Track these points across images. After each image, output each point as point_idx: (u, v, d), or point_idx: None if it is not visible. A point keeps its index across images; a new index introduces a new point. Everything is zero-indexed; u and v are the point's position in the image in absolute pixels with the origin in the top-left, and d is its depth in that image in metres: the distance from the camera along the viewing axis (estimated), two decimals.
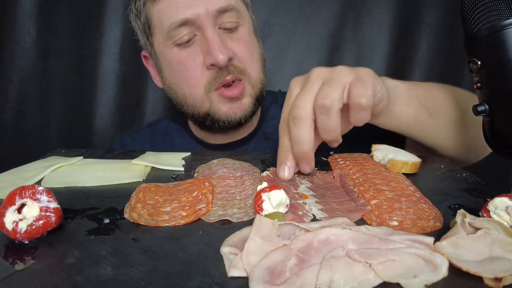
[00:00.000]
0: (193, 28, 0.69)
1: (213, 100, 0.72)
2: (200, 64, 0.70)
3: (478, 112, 0.44)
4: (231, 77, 0.70)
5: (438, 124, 0.60)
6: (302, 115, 0.44)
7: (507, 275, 0.27)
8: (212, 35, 0.67)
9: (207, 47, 0.68)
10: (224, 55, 0.67)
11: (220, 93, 0.71)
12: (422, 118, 0.58)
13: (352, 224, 0.36)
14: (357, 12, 1.15)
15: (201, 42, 0.69)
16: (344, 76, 0.45)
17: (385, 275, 0.28)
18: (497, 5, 0.41)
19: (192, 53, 0.70)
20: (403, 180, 0.48)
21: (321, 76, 0.46)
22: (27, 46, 1.12)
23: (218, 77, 0.70)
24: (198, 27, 0.68)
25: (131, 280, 0.28)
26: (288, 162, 0.48)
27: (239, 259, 0.30)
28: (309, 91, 0.45)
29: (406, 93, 0.57)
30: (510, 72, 0.41)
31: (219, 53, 0.66)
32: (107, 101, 1.17)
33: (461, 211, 0.34)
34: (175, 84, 0.75)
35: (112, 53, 1.15)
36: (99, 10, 1.13)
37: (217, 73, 0.70)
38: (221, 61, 0.67)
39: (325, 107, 0.43)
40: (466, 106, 0.61)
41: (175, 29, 0.69)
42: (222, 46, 0.67)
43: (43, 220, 0.34)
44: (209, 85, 0.71)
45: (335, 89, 0.44)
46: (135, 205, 0.40)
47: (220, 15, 0.69)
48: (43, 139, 1.17)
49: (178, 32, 0.69)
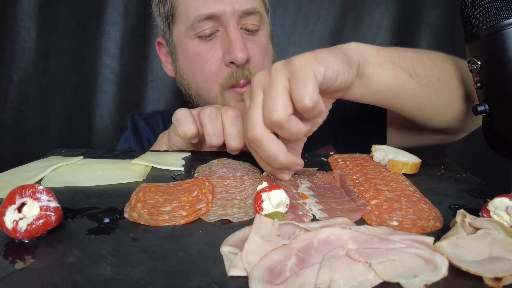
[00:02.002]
0: (217, 23, 0.70)
1: (226, 98, 0.73)
2: (219, 60, 0.71)
3: (478, 112, 0.44)
4: (243, 81, 0.71)
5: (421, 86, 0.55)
6: (259, 136, 0.42)
7: (507, 275, 0.27)
8: (235, 34, 0.69)
9: (228, 45, 0.69)
10: (244, 54, 0.68)
11: (233, 90, 0.72)
12: (402, 80, 0.53)
13: (352, 224, 0.36)
14: (357, 12, 1.15)
15: (223, 39, 0.70)
16: (279, 78, 0.42)
17: (385, 275, 0.28)
18: (497, 5, 0.41)
19: (212, 48, 0.71)
20: (403, 181, 0.48)
21: (261, 83, 0.44)
22: (27, 46, 1.12)
23: (232, 77, 0.71)
24: (222, 23, 0.69)
25: (131, 279, 0.28)
26: (280, 176, 0.48)
27: (239, 259, 0.30)
28: (255, 106, 0.43)
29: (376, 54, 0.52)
30: (510, 72, 0.41)
31: (239, 51, 0.67)
32: (107, 101, 1.17)
33: (461, 211, 0.34)
34: (189, 75, 0.76)
35: (112, 53, 1.15)
36: (99, 10, 1.13)
37: (232, 72, 0.71)
38: (240, 60, 0.68)
39: (275, 123, 0.41)
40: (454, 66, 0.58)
41: (200, 21, 0.69)
42: (243, 45, 0.68)
43: (43, 219, 0.34)
44: (224, 84, 0.72)
45: (277, 99, 0.41)
46: (135, 205, 0.40)
47: (245, 16, 0.70)
48: (43, 139, 1.17)
49: (202, 25, 0.70)
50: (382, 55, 0.52)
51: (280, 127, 0.41)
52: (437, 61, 0.58)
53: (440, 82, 0.56)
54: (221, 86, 0.72)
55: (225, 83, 0.72)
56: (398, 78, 0.53)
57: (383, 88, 0.53)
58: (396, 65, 0.53)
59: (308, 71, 0.41)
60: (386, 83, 0.52)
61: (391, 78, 0.52)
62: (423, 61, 0.56)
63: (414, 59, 0.55)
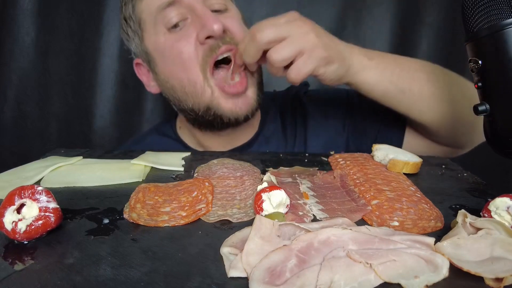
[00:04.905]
0: (182, 10, 0.68)
1: (214, 92, 0.69)
2: (193, 41, 0.68)
3: (479, 111, 0.44)
4: (225, 47, 0.67)
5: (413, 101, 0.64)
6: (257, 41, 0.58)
7: (508, 276, 0.27)
8: (203, 10, 0.67)
9: (200, 22, 0.67)
10: (219, 24, 0.66)
11: (222, 89, 0.69)
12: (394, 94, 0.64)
13: (352, 224, 0.36)
14: (358, 12, 1.15)
15: (194, 21, 0.68)
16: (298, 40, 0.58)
17: (386, 276, 0.28)
18: (498, 4, 0.40)
19: (185, 35, 0.68)
20: (404, 180, 0.48)
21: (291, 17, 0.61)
22: (26, 45, 1.12)
23: (212, 49, 0.67)
24: (187, 7, 0.68)
25: (131, 280, 0.28)
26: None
27: (239, 260, 0.30)
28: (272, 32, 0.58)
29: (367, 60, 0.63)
30: (511, 72, 0.41)
31: (213, 23, 0.65)
32: (106, 101, 1.17)
33: (462, 211, 0.34)
34: (170, 75, 0.72)
35: (111, 53, 1.15)
36: (99, 10, 1.12)
37: (209, 48, 0.67)
38: (216, 30, 0.65)
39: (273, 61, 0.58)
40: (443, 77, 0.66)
41: (163, 9, 0.68)
42: (216, 17, 0.67)
43: (42, 220, 0.34)
44: (203, 61, 0.68)
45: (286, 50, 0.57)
46: (134, 205, 0.40)
47: None
48: (42, 139, 1.17)
49: (166, 13, 0.68)
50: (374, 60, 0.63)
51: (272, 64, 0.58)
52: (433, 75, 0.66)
53: (435, 97, 0.64)
54: (201, 67, 0.68)
55: (204, 61, 0.68)
56: (389, 82, 0.63)
57: (377, 89, 0.64)
58: (387, 69, 0.63)
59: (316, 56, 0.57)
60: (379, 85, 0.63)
61: (385, 82, 0.63)
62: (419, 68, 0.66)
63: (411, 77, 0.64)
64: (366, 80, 0.63)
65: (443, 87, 0.64)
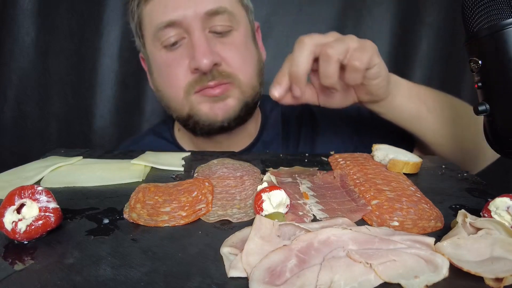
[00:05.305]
0: (181, 30, 0.67)
1: (193, 102, 0.69)
2: (185, 67, 0.68)
3: (479, 111, 0.44)
4: (214, 83, 0.67)
5: (436, 121, 0.66)
6: (306, 42, 0.54)
7: (508, 276, 0.27)
8: (197, 39, 0.65)
9: (192, 51, 0.66)
10: (208, 60, 0.64)
11: (202, 93, 0.69)
12: (422, 114, 0.65)
13: (352, 224, 0.36)
14: (358, 12, 1.15)
15: (188, 45, 0.67)
16: (351, 41, 0.55)
17: (386, 276, 0.28)
18: (498, 4, 0.40)
19: (179, 56, 0.68)
20: (404, 180, 0.48)
21: (335, 35, 0.56)
22: (26, 45, 1.12)
23: (200, 81, 0.67)
24: (186, 29, 0.66)
25: (130, 280, 0.28)
26: (282, 82, 0.56)
27: (239, 260, 0.30)
28: (321, 37, 0.55)
29: (407, 88, 0.65)
30: (511, 71, 0.41)
31: (202, 57, 0.64)
32: (106, 101, 1.17)
33: (462, 211, 0.34)
34: (161, 87, 0.73)
35: (111, 53, 1.15)
36: (99, 10, 1.12)
37: (199, 77, 0.67)
38: (203, 66, 0.64)
39: (328, 54, 0.53)
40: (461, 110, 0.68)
41: (161, 29, 0.67)
42: (207, 50, 0.65)
43: (42, 220, 0.34)
44: (189, 87, 0.68)
45: (339, 46, 0.53)
46: (134, 205, 0.40)
47: (210, 18, 0.66)
48: (42, 139, 1.17)
49: (164, 33, 0.67)
50: (413, 90, 0.65)
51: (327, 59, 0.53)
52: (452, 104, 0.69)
53: (452, 120, 0.66)
54: (185, 91, 0.69)
55: (190, 88, 0.68)
56: (419, 111, 0.65)
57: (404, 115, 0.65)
58: (421, 100, 0.65)
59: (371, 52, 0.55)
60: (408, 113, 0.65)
61: (414, 110, 0.65)
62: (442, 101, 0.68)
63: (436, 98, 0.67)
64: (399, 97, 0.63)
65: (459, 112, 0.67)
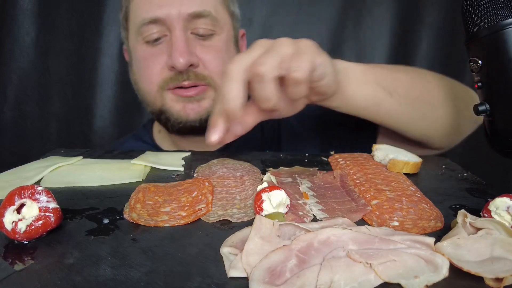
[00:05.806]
0: (164, 28, 0.68)
1: (166, 98, 0.71)
2: (162, 64, 0.69)
3: (479, 111, 0.44)
4: (188, 83, 0.68)
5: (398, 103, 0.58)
6: (231, 71, 0.44)
7: (508, 276, 0.27)
8: (177, 38, 0.66)
9: (171, 49, 0.67)
10: (184, 60, 0.65)
11: (175, 91, 0.70)
12: (381, 98, 0.57)
13: (352, 224, 0.36)
14: (358, 12, 1.15)
15: (168, 43, 0.68)
16: (283, 47, 0.46)
17: (386, 276, 0.28)
18: (498, 4, 0.40)
19: (158, 52, 0.69)
20: (404, 180, 0.48)
21: (263, 45, 0.47)
22: (26, 45, 1.12)
23: (175, 79, 0.68)
24: (168, 27, 0.68)
25: (130, 280, 0.28)
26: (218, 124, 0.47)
27: (239, 260, 0.30)
28: (247, 55, 0.45)
29: (361, 73, 0.56)
30: (511, 72, 0.41)
31: (179, 56, 0.65)
32: (106, 101, 1.17)
33: (462, 211, 0.34)
34: (138, 80, 0.75)
35: (111, 53, 1.15)
36: (99, 10, 1.13)
37: (175, 75, 0.68)
38: (179, 65, 0.65)
39: (259, 74, 0.44)
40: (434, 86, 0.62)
41: (145, 25, 0.68)
42: (184, 50, 0.66)
43: (42, 220, 0.34)
44: (163, 83, 0.70)
45: (271, 59, 0.44)
46: (134, 205, 0.40)
47: (194, 19, 0.68)
48: (42, 138, 1.17)
49: (147, 29, 0.68)
50: (368, 74, 0.57)
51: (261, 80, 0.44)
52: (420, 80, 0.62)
53: (419, 100, 0.60)
54: (159, 87, 0.70)
55: (164, 84, 0.70)
56: (376, 97, 0.57)
57: (361, 104, 0.57)
58: (379, 85, 0.57)
59: (311, 54, 0.46)
60: (364, 101, 0.57)
61: (370, 96, 0.57)
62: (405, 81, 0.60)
63: (397, 78, 0.59)
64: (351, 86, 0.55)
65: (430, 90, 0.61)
